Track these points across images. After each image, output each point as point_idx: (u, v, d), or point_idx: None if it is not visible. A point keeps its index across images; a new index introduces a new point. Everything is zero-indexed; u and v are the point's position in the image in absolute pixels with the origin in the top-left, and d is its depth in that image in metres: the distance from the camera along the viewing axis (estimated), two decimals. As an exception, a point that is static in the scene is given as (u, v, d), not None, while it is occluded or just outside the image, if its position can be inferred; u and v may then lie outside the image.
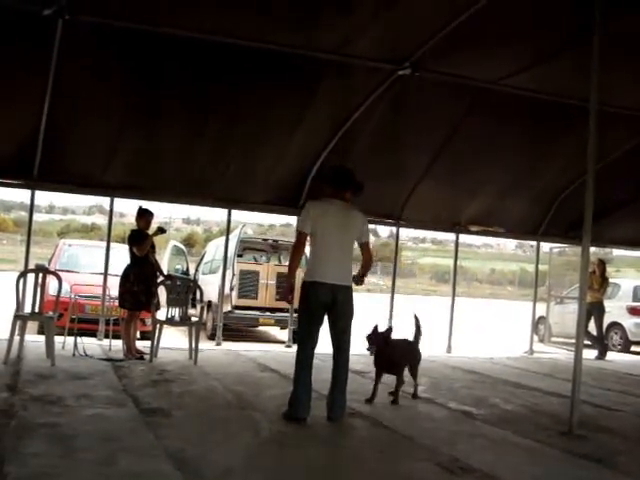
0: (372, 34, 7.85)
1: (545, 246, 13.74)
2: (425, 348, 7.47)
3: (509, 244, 71.34)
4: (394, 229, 12.04)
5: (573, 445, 5.53)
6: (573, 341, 6.72)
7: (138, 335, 9.33)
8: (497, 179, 11.18)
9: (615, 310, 15.06)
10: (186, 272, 14.39)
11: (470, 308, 20.95)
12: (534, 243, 13.52)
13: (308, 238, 5.90)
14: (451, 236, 12.77)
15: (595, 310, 12.49)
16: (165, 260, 14.03)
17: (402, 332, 7.30)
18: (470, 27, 7.45)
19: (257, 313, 13.16)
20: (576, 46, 7.29)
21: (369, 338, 6.78)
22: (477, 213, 11.77)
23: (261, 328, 14.34)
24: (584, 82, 6.08)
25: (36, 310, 8.02)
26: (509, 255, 70.20)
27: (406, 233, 57.64)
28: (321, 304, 5.78)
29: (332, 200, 5.95)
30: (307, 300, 5.82)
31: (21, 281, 8.02)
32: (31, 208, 10.07)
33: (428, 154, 10.42)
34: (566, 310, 14.60)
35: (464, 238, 13.68)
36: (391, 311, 11.38)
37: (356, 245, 6.04)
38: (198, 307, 13.28)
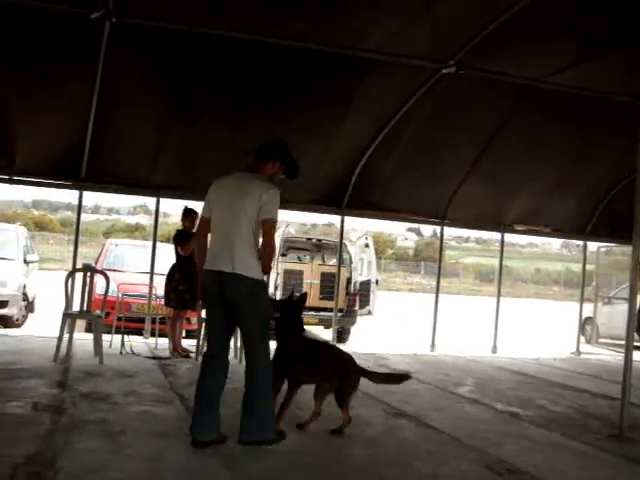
0: (416, 33, 7.80)
1: (592, 245, 13.51)
2: (470, 348, 7.39)
3: (554, 243, 70.38)
4: (437, 228, 11.96)
5: (624, 449, 5.43)
6: (621, 342, 6.61)
7: (184, 334, 9.43)
8: (543, 177, 11.02)
9: (665, 311, 14.74)
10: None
11: (515, 308, 20.73)
12: (580, 242, 13.31)
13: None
14: (495, 235, 12.65)
15: (644, 311, 12.23)
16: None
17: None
18: (515, 24, 7.35)
19: (301, 312, 13.18)
20: (624, 41, 7.17)
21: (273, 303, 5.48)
22: (522, 212, 11.62)
23: (305, 327, 14.35)
24: (632, 78, 5.98)
25: (84, 309, 8.16)
26: (554, 254, 69.20)
27: (449, 232, 57.21)
28: (213, 297, 4.82)
29: (236, 173, 5.01)
30: (204, 294, 4.98)
31: (69, 280, 8.16)
32: (79, 209, 10.24)
33: (473, 152, 10.33)
34: (614, 310, 14.33)
35: (509, 237, 13.53)
36: (436, 311, 11.28)
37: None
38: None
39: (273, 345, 5.02)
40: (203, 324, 8.68)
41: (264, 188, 4.75)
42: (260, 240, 4.76)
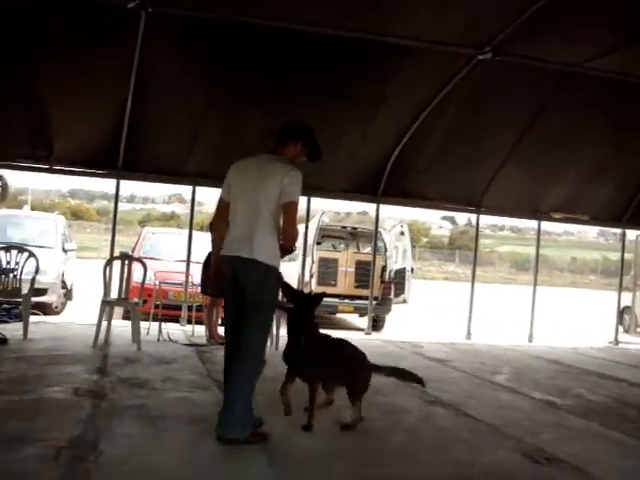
0: (451, 19, 7.74)
1: (630, 233, 13.30)
2: (506, 337, 7.34)
3: (590, 232, 69.45)
4: (472, 216, 11.86)
5: (664, 438, 5.37)
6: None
7: (220, 321, 9.49)
8: (581, 164, 10.87)
9: None
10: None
11: (551, 297, 20.53)
12: (618, 230, 13.11)
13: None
14: (531, 223, 12.51)
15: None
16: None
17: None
18: (552, 9, 7.25)
19: (336, 300, 13.17)
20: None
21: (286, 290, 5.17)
22: (559, 200, 11.48)
23: (340, 315, 14.38)
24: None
25: (122, 296, 8.25)
26: (590, 243, 68.33)
27: (484, 220, 56.61)
28: (229, 283, 4.66)
29: (260, 155, 4.81)
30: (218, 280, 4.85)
31: (107, 268, 8.25)
32: (116, 198, 10.31)
33: (509, 140, 10.23)
34: (653, 300, 14.13)
35: (544, 225, 13.35)
36: (471, 300, 11.21)
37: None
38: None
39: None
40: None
41: (286, 170, 4.58)
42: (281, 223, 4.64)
